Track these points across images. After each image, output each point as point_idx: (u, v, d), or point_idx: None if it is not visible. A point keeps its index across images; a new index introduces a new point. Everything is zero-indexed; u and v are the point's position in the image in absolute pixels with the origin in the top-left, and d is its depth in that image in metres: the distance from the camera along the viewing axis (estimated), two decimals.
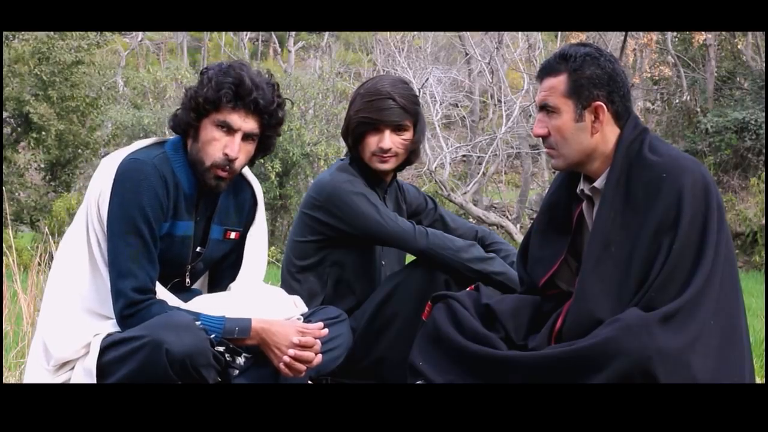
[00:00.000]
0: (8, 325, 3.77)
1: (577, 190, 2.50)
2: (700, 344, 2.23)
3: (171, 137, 2.54)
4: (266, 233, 2.70)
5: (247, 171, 2.63)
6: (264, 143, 2.54)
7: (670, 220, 2.29)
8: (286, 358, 2.40)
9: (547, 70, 2.44)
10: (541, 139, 2.50)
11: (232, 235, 2.63)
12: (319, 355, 2.45)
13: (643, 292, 2.28)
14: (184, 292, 2.56)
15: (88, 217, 2.44)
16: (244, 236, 2.65)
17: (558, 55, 2.45)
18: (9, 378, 3.44)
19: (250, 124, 2.46)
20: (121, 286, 2.37)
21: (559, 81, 2.41)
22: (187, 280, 2.59)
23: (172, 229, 2.48)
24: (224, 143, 2.44)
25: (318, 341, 2.45)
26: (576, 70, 2.39)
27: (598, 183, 2.43)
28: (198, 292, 2.65)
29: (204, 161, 2.45)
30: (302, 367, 2.42)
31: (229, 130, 2.44)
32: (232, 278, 2.62)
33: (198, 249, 2.57)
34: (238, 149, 2.45)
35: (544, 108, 2.43)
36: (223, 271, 2.69)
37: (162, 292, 2.45)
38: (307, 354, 2.42)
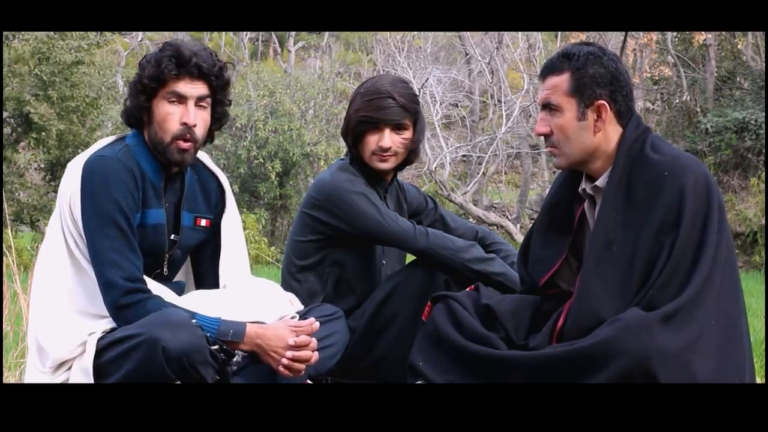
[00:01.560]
0: (8, 325, 3.77)
1: (579, 190, 2.50)
2: (701, 344, 2.23)
3: (130, 133, 2.57)
4: (240, 220, 2.73)
5: (209, 162, 2.68)
6: (216, 110, 2.57)
7: (671, 219, 2.29)
8: (285, 361, 2.41)
9: (549, 69, 2.44)
10: (543, 137, 2.49)
11: (203, 222, 2.66)
12: (317, 352, 2.46)
13: (645, 292, 2.27)
14: (166, 282, 2.56)
15: (62, 221, 2.45)
16: (217, 225, 2.67)
17: (561, 53, 2.44)
18: (9, 378, 3.44)
19: (199, 89, 2.49)
20: (109, 277, 2.38)
21: (562, 79, 2.41)
22: (165, 269, 2.60)
23: (143, 218, 2.50)
24: (180, 114, 2.48)
25: (313, 339, 2.45)
26: (579, 69, 2.39)
27: (600, 182, 2.43)
28: (181, 284, 2.66)
29: (164, 138, 2.48)
30: (302, 366, 2.43)
31: (180, 99, 2.48)
32: (215, 269, 2.64)
33: (173, 237, 2.59)
34: (194, 115, 2.48)
35: (547, 106, 2.43)
36: (204, 262, 2.71)
37: (157, 287, 2.46)
38: (305, 353, 2.43)
